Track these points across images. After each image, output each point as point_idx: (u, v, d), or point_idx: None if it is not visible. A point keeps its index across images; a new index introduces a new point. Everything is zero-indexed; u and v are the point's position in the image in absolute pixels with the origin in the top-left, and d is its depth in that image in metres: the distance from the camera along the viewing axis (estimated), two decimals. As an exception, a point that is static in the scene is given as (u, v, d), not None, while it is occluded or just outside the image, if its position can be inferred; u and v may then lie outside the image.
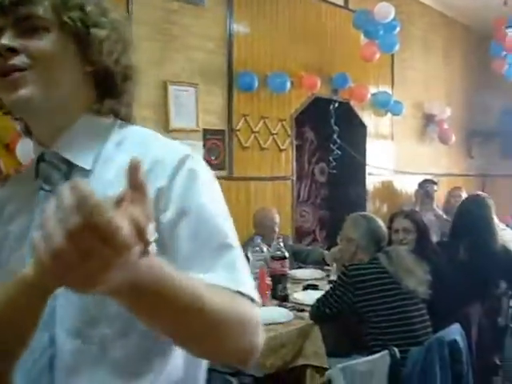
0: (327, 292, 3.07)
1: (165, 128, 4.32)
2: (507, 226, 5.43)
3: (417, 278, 2.95)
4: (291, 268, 4.55)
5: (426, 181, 6.47)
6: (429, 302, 3.08)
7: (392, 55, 6.51)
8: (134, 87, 1.18)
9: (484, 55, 7.42)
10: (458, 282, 3.43)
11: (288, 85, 5.00)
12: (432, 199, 6.40)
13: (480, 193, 4.72)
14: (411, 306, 2.93)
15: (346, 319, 3.12)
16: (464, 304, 3.26)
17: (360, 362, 2.40)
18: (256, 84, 4.81)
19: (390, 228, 3.64)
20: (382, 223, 3.27)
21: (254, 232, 4.55)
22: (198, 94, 4.55)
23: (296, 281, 4.07)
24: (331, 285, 3.20)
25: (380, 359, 2.48)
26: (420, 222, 3.60)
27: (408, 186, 6.95)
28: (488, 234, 3.72)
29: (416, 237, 3.50)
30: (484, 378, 3.46)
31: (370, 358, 2.48)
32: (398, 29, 5.41)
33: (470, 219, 3.80)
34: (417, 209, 6.33)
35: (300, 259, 4.62)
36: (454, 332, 2.88)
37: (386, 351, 2.52)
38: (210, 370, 2.25)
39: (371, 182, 6.43)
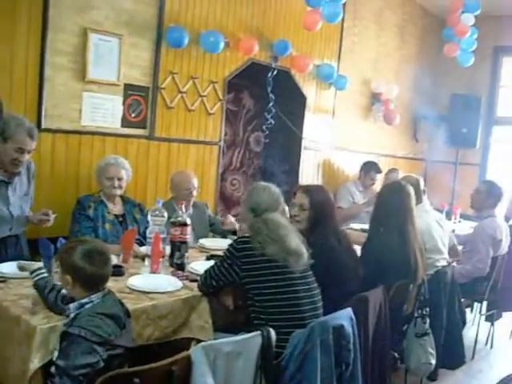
0: (215, 263, 2.92)
1: (81, 78, 4.07)
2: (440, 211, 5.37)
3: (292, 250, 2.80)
4: (208, 236, 4.43)
5: (370, 165, 6.39)
6: (325, 285, 2.96)
7: (341, 28, 6.34)
8: None
9: (438, 38, 7.30)
10: (353, 266, 3.34)
11: (222, 45, 4.78)
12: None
13: (405, 179, 4.62)
14: (300, 286, 2.79)
15: (237, 294, 2.98)
16: (363, 290, 3.14)
17: (225, 341, 2.24)
18: (187, 41, 4.57)
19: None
20: (262, 192, 3.11)
21: (171, 195, 4.38)
22: (122, 45, 4.29)
23: (205, 250, 3.92)
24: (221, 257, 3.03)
25: (250, 340, 2.34)
26: (318, 201, 3.38)
27: (347, 163, 6.84)
28: (401, 224, 3.64)
29: (308, 216, 3.34)
30: (383, 365, 3.38)
31: (237, 337, 2.34)
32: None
33: (386, 207, 3.72)
34: (360, 188, 6.30)
35: (214, 229, 4.48)
36: (343, 317, 2.76)
37: (258, 332, 2.37)
38: (76, 336, 2.11)
39: (307, 156, 6.27)
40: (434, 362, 3.66)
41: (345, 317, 2.80)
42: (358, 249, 3.72)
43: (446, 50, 6.79)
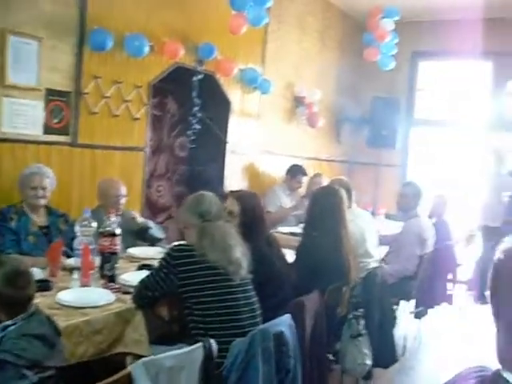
0: (150, 273, 2.83)
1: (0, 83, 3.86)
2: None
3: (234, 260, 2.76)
4: (135, 245, 4.29)
5: (296, 168, 6.41)
6: (260, 292, 2.92)
7: (265, 32, 6.34)
8: None
9: (359, 42, 7.44)
10: (286, 272, 3.33)
11: (147, 49, 4.66)
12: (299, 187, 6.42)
13: (335, 182, 4.65)
14: (240, 294, 2.74)
15: (172, 304, 2.90)
16: (299, 295, 3.13)
17: (167, 356, 2.16)
18: (111, 44, 4.42)
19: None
20: (210, 199, 3.04)
21: (98, 204, 4.23)
22: (42, 48, 4.09)
23: (134, 260, 3.79)
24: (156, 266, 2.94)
25: (192, 353, 2.26)
26: (249, 208, 3.35)
27: (273, 167, 6.85)
28: (334, 227, 3.66)
29: (238, 223, 3.28)
30: (322, 368, 3.38)
31: (179, 351, 2.25)
32: (269, 3, 5.18)
33: (320, 211, 3.73)
34: (286, 192, 6.30)
35: (141, 236, 4.36)
36: (282, 323, 2.74)
37: (200, 344, 2.31)
38: (2, 362, 1.97)
39: (233, 161, 6.22)
40: (369, 362, 3.69)
41: (284, 323, 2.78)
42: (288, 253, 3.71)
43: (366, 54, 6.94)
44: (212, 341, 2.37)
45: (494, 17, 7.22)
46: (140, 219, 4.38)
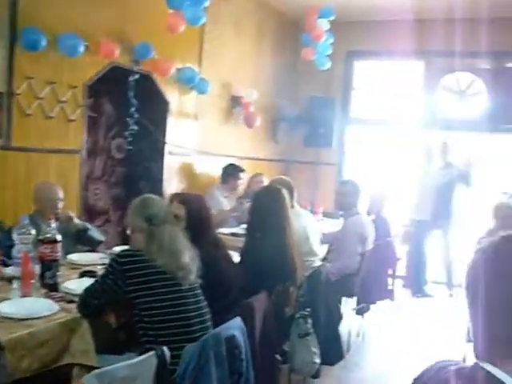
0: (96, 280, 2.74)
1: None
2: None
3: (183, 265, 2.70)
4: (75, 250, 4.15)
5: (233, 168, 6.37)
6: (209, 296, 2.87)
7: (202, 31, 6.28)
8: None
9: (295, 42, 7.48)
10: (234, 274, 3.30)
11: (82, 49, 4.52)
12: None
13: (276, 182, 4.65)
14: (189, 299, 2.69)
15: (120, 312, 2.81)
16: (247, 297, 3.10)
17: (120, 366, 2.09)
18: (44, 43, 4.25)
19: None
20: (157, 202, 2.97)
21: (34, 209, 4.06)
22: (-30, 47, 3.91)
23: (76, 266, 3.66)
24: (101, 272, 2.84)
25: (145, 362, 2.20)
26: (195, 211, 3.30)
27: (211, 167, 6.79)
28: (278, 228, 3.66)
29: (185, 227, 3.20)
30: (272, 368, 3.37)
31: (132, 361, 2.18)
32: (206, 2, 5.13)
33: (263, 212, 3.72)
34: (224, 193, 6.23)
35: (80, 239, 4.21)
36: (233, 327, 2.70)
37: (153, 352, 2.24)
38: None
39: (171, 162, 6.13)
40: (318, 360, 3.71)
41: (236, 326, 2.75)
42: (232, 254, 3.67)
43: (303, 54, 6.98)
44: (165, 348, 2.31)
45: (426, 17, 7.41)
46: (77, 220, 4.25)
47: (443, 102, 8.01)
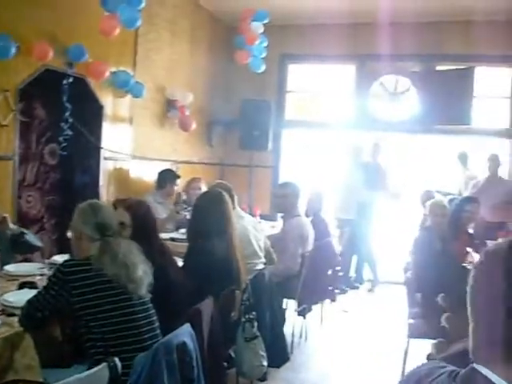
0: (39, 292, 2.63)
1: None
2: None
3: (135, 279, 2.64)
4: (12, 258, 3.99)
5: (168, 174, 6.28)
6: (157, 304, 2.82)
7: (136, 34, 6.18)
8: None
9: (230, 45, 7.46)
10: (181, 281, 3.26)
11: (13, 51, 4.35)
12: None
13: (216, 186, 4.62)
14: (137, 307, 2.63)
15: (65, 323, 2.72)
16: (194, 303, 3.06)
17: (71, 380, 2.01)
18: (-29, 45, 4.08)
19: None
20: (109, 210, 2.89)
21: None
22: None
23: (13, 278, 3.51)
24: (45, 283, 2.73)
25: (97, 374, 2.13)
26: (140, 217, 3.23)
27: (147, 172, 6.69)
28: (222, 232, 3.64)
29: (130, 234, 3.14)
30: (220, 374, 3.35)
31: (83, 374, 2.11)
32: (142, 5, 5.04)
33: (205, 217, 3.69)
34: (159, 200, 6.11)
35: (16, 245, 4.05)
36: (183, 333, 2.66)
37: (105, 364, 2.17)
38: None
39: (107, 167, 6.00)
40: (265, 363, 3.71)
41: (186, 333, 2.71)
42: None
43: (237, 57, 6.99)
44: (116, 359, 2.25)
45: (358, 22, 7.57)
46: (12, 225, 4.09)
47: (374, 104, 8.19)
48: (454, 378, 1.08)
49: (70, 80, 5.18)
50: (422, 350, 4.05)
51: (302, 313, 5.20)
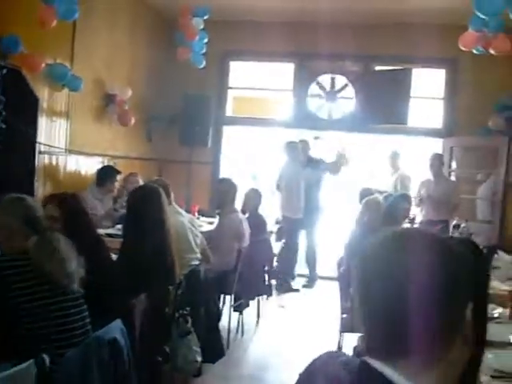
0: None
1: None
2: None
3: (70, 274, 2.64)
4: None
5: (108, 169, 6.22)
6: (89, 299, 2.81)
7: (74, 26, 6.07)
8: None
9: (171, 40, 7.42)
10: (116, 276, 3.26)
11: None
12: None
13: (153, 183, 4.62)
14: (69, 302, 2.63)
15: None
16: (129, 299, 3.07)
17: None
18: None
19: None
20: (35, 204, 2.87)
21: None
22: None
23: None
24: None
25: (22, 371, 2.11)
26: (71, 211, 3.20)
27: (83, 167, 6.61)
28: (157, 227, 3.64)
29: (61, 228, 3.06)
30: (153, 369, 3.36)
31: (7, 372, 2.08)
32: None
33: (140, 212, 3.68)
34: (98, 196, 6.03)
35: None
36: (114, 329, 2.66)
37: (32, 360, 2.16)
38: None
39: (42, 162, 5.89)
40: (199, 358, 3.74)
41: (116, 329, 2.71)
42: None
43: (178, 53, 6.97)
44: (45, 355, 2.24)
45: (299, 20, 7.67)
46: None
47: (313, 102, 8.31)
48: (347, 370, 1.09)
49: (4, 72, 5.04)
50: (354, 343, 4.16)
51: (238, 308, 5.26)
